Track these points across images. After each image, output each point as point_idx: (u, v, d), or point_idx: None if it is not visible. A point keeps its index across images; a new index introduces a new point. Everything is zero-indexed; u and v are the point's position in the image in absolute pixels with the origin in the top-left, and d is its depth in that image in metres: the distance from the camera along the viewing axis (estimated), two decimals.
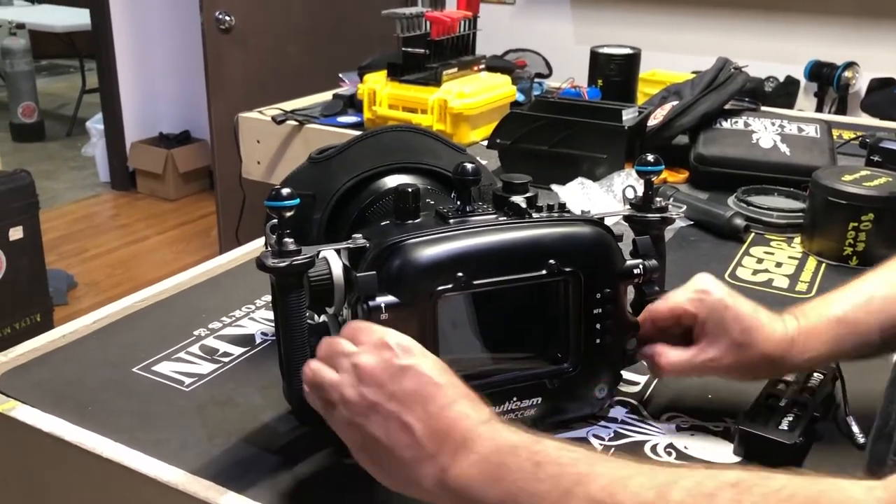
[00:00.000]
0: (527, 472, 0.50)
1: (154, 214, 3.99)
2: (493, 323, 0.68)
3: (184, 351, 0.84)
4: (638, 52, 1.76)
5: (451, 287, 0.63)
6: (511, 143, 1.39)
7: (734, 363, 0.68)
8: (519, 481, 0.50)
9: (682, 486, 0.46)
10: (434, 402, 0.53)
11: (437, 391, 0.54)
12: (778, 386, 0.73)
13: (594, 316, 0.68)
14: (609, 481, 0.48)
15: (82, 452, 0.67)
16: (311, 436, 0.70)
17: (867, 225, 1.06)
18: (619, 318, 0.70)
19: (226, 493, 0.62)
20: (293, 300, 0.64)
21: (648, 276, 0.71)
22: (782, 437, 0.67)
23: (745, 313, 0.68)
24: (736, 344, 0.68)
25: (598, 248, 0.69)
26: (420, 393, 0.54)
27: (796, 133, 1.37)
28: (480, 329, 0.68)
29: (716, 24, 2.94)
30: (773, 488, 0.45)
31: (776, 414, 0.69)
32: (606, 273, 0.69)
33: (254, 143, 1.82)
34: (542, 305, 0.69)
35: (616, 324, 0.70)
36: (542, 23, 3.22)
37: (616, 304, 0.69)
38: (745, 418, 0.70)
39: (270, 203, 0.63)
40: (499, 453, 0.51)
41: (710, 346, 0.69)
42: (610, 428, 0.72)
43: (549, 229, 0.68)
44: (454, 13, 1.67)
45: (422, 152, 0.83)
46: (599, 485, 0.48)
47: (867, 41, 2.70)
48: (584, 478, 0.48)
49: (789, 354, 0.68)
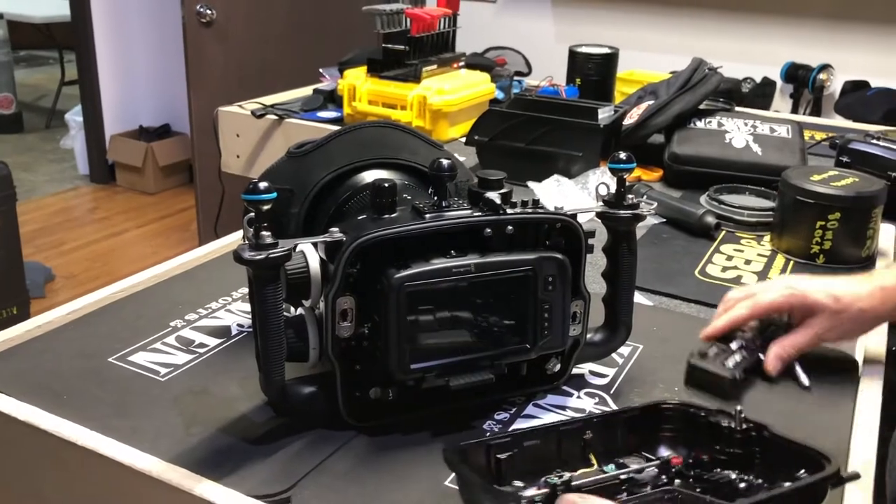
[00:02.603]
0: None
1: (133, 208, 3.96)
2: (463, 308, 0.69)
3: (160, 342, 0.84)
4: (615, 52, 1.78)
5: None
6: (489, 140, 1.41)
7: (838, 328, 0.81)
8: None
9: None
10: None
11: None
12: (734, 333, 0.83)
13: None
14: None
15: (58, 441, 0.68)
16: (287, 426, 0.71)
17: (834, 224, 1.08)
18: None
19: (202, 482, 0.63)
20: (270, 293, 0.65)
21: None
22: (722, 371, 0.77)
23: (828, 287, 0.82)
24: (833, 312, 0.80)
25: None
26: None
27: (768, 133, 1.40)
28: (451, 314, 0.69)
29: (694, 25, 2.97)
30: None
31: (724, 355, 0.80)
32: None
33: (233, 137, 1.82)
34: (507, 293, 0.70)
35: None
36: (523, 21, 3.23)
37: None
38: (696, 356, 0.80)
39: (248, 197, 0.64)
40: None
41: (813, 322, 0.81)
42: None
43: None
44: (434, 10, 1.68)
45: (400, 148, 0.84)
46: None
47: (842, 44, 2.74)
48: None
49: (882, 305, 0.81)
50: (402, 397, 0.71)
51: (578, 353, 0.78)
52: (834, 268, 1.09)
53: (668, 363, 0.83)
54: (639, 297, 0.98)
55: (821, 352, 0.85)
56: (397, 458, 0.68)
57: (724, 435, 0.66)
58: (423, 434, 0.71)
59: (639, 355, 0.85)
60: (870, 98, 2.50)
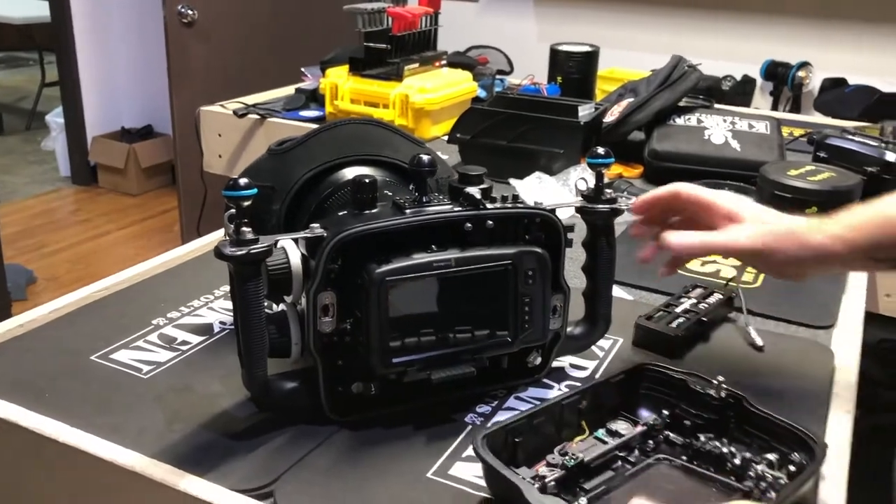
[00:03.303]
0: None
1: (115, 209, 3.94)
2: (444, 303, 0.69)
3: (142, 339, 0.84)
4: (596, 51, 1.80)
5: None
6: (471, 138, 1.41)
7: (760, 239, 0.72)
8: None
9: None
10: None
11: None
12: (680, 299, 0.91)
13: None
14: None
15: (40, 438, 0.68)
16: (269, 421, 0.71)
17: None
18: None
19: (185, 477, 0.63)
20: (251, 288, 0.65)
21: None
22: (666, 330, 0.85)
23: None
24: (759, 219, 0.73)
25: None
26: None
27: (747, 130, 1.42)
28: (432, 309, 0.69)
29: (675, 23, 2.99)
30: None
31: (669, 317, 0.87)
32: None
33: (215, 137, 1.82)
34: (487, 287, 0.71)
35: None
36: (505, 21, 3.24)
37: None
38: (643, 317, 0.87)
39: (228, 193, 0.64)
40: None
41: (730, 225, 0.73)
42: None
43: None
44: (416, 9, 1.68)
45: (381, 145, 0.85)
46: None
47: (820, 42, 2.77)
48: None
49: (821, 229, 0.72)
50: (384, 391, 0.72)
51: (559, 347, 0.79)
52: None
53: (645, 355, 0.84)
54: (619, 292, 0.99)
55: (796, 340, 0.87)
56: (379, 451, 0.68)
57: (704, 401, 0.69)
58: (405, 428, 0.72)
59: (619, 348, 0.86)
60: (848, 95, 2.53)
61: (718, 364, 0.83)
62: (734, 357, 0.85)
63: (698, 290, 0.94)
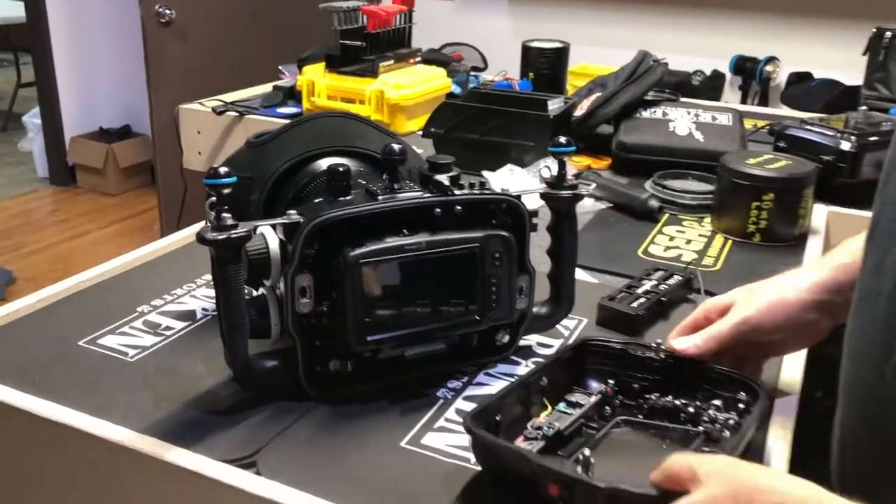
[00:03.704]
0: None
1: (95, 210, 3.95)
2: (416, 283, 0.74)
3: (127, 325, 0.88)
4: (567, 47, 1.84)
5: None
6: (445, 132, 1.46)
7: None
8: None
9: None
10: None
11: None
12: (641, 281, 0.96)
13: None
14: None
15: (33, 418, 0.71)
16: (251, 398, 0.75)
17: (768, 204, 1.15)
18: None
19: (172, 449, 0.67)
20: (232, 271, 0.69)
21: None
22: (627, 309, 0.90)
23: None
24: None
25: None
26: None
27: (710, 122, 1.47)
28: (404, 289, 0.73)
29: (645, 20, 3.05)
30: None
31: (630, 297, 0.92)
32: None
33: (194, 134, 1.85)
34: (456, 269, 0.75)
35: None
36: (480, 18, 3.29)
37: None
38: (606, 298, 0.92)
39: (209, 181, 0.68)
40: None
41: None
42: None
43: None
44: (390, 7, 1.72)
45: (354, 136, 0.89)
46: None
47: (787, 37, 2.84)
48: None
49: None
50: (360, 369, 0.76)
51: (526, 325, 0.83)
52: (769, 245, 1.15)
53: (608, 334, 0.89)
54: (585, 276, 1.04)
55: None
56: (356, 424, 0.73)
57: (646, 364, 0.74)
58: (380, 402, 0.76)
59: (583, 328, 0.91)
60: (813, 89, 2.60)
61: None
62: None
63: (659, 273, 0.99)
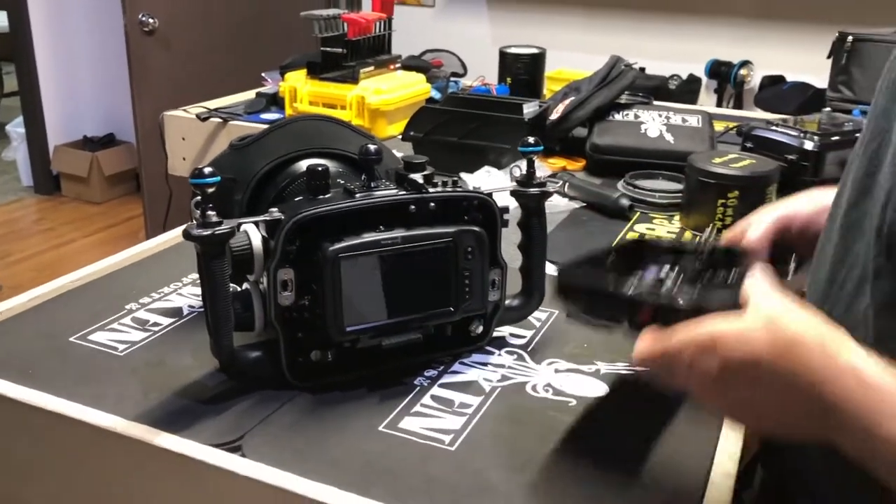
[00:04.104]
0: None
1: (79, 218, 3.96)
2: (392, 276, 0.78)
3: (116, 322, 0.91)
4: (542, 52, 1.89)
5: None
6: (424, 136, 1.50)
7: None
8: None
9: None
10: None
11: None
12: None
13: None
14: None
15: (26, 408, 0.75)
16: (236, 388, 0.79)
17: (733, 201, 1.20)
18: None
19: (160, 434, 0.71)
20: (217, 266, 0.73)
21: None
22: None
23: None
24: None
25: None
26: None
27: (680, 123, 1.52)
28: (381, 282, 0.77)
29: (623, 26, 3.11)
30: None
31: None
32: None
33: (179, 141, 1.88)
34: (430, 262, 0.79)
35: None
36: (459, 24, 3.34)
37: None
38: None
39: (195, 181, 0.72)
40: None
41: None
42: (498, 372, 0.84)
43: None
44: (369, 15, 1.77)
45: (333, 138, 0.93)
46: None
47: (760, 42, 2.90)
48: None
49: None
50: (340, 358, 0.80)
51: (499, 317, 0.87)
52: None
53: (578, 325, 0.93)
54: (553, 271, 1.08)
55: None
56: (336, 410, 0.77)
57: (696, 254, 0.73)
58: (359, 390, 0.80)
59: (554, 319, 0.95)
60: (785, 92, 2.67)
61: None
62: None
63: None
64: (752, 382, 0.55)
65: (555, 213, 1.27)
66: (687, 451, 0.72)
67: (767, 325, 0.55)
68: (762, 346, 0.54)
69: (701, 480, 0.68)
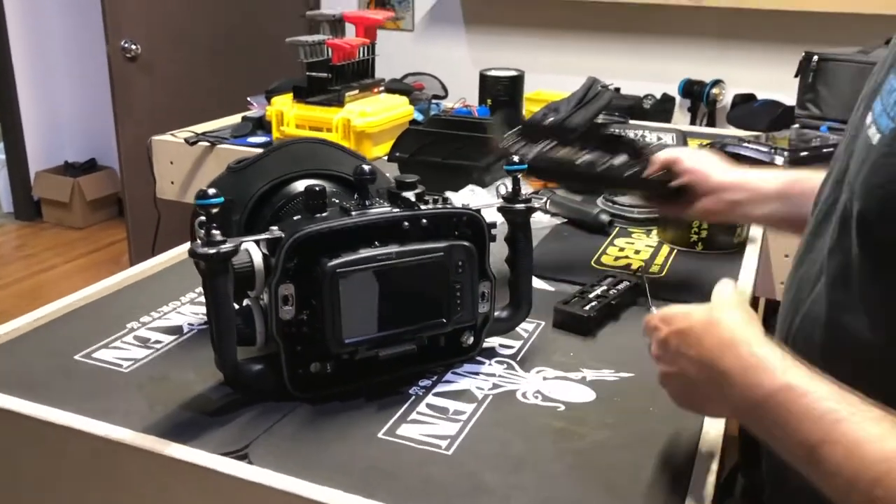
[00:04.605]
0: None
1: (61, 243, 3.96)
2: (387, 290, 0.82)
3: (119, 340, 0.94)
4: (521, 75, 1.95)
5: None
6: (409, 156, 1.54)
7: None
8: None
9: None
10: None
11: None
12: (593, 287, 1.05)
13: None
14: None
15: (39, 423, 0.77)
16: (239, 400, 0.82)
17: None
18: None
19: (170, 445, 0.74)
20: (221, 283, 0.76)
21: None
22: (581, 312, 0.99)
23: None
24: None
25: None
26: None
27: (655, 141, 1.58)
28: (377, 295, 0.81)
29: (598, 47, 3.19)
30: None
31: (583, 301, 1.01)
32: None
33: (167, 164, 1.92)
34: (423, 276, 0.83)
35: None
36: (439, 48, 3.40)
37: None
38: (561, 303, 1.00)
39: (200, 202, 0.75)
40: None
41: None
42: (489, 381, 0.88)
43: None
44: (353, 40, 1.81)
45: (327, 160, 0.97)
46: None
47: (732, 61, 2.99)
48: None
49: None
50: (338, 370, 0.83)
51: (488, 328, 0.92)
52: (711, 254, 1.25)
53: (564, 335, 0.98)
54: (542, 284, 1.13)
55: None
56: (337, 419, 0.80)
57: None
58: (358, 400, 0.83)
59: (540, 330, 0.99)
60: (756, 109, 2.74)
61: (625, 339, 0.97)
62: (640, 333, 0.98)
63: (609, 279, 1.08)
64: (680, 352, 0.67)
65: (538, 229, 1.32)
66: (670, 450, 0.77)
67: (709, 313, 0.68)
68: (694, 320, 0.68)
69: (685, 476, 0.72)
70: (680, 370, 0.68)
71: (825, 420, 0.54)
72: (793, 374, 0.58)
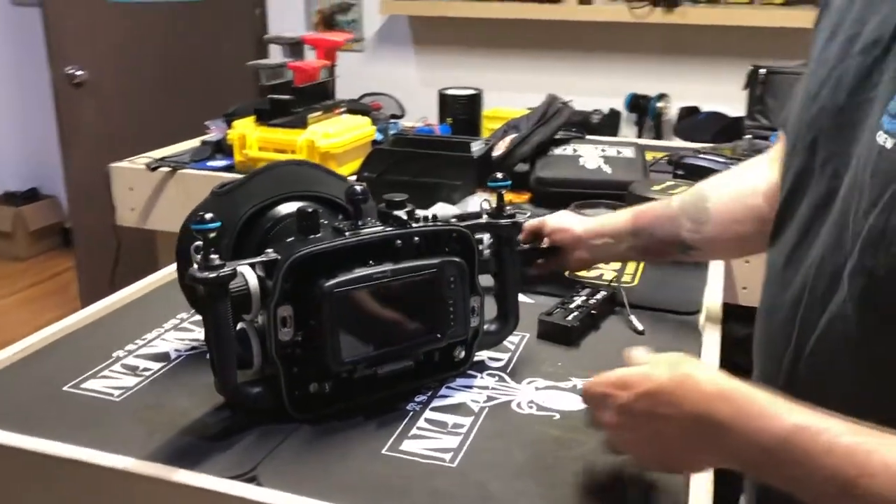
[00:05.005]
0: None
1: (4, 276, 3.84)
2: (383, 307, 0.83)
3: (107, 369, 0.93)
4: (479, 93, 1.99)
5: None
6: (377, 176, 1.56)
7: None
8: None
9: None
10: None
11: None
12: (573, 298, 1.09)
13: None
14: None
15: (38, 457, 0.76)
16: (238, 423, 0.82)
17: None
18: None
19: (177, 471, 0.73)
20: (221, 307, 0.76)
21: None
22: (564, 322, 1.02)
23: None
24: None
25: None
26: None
27: (616, 155, 1.63)
28: (374, 313, 0.82)
29: (546, 65, 3.26)
30: None
31: (565, 311, 1.05)
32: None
33: (126, 191, 1.89)
34: (417, 293, 0.85)
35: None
36: (389, 67, 3.43)
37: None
38: (544, 314, 1.04)
39: (196, 227, 0.76)
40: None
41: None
42: (483, 393, 0.89)
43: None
44: (314, 63, 1.83)
45: (312, 182, 0.98)
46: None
47: (675, 75, 3.09)
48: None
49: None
50: (337, 389, 0.84)
51: (479, 341, 0.93)
52: (678, 263, 1.29)
53: (549, 346, 1.00)
54: (522, 297, 1.15)
55: (669, 324, 1.06)
56: (339, 438, 0.81)
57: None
58: (357, 419, 0.84)
59: (527, 342, 1.02)
60: (701, 121, 2.84)
61: (608, 346, 1.00)
62: (621, 340, 1.01)
63: (587, 290, 1.11)
64: (654, 413, 0.65)
65: None
66: None
67: (673, 369, 0.66)
68: (663, 379, 0.65)
69: (682, 480, 0.75)
70: (654, 432, 0.66)
71: (858, 454, 0.54)
72: (798, 414, 0.58)
